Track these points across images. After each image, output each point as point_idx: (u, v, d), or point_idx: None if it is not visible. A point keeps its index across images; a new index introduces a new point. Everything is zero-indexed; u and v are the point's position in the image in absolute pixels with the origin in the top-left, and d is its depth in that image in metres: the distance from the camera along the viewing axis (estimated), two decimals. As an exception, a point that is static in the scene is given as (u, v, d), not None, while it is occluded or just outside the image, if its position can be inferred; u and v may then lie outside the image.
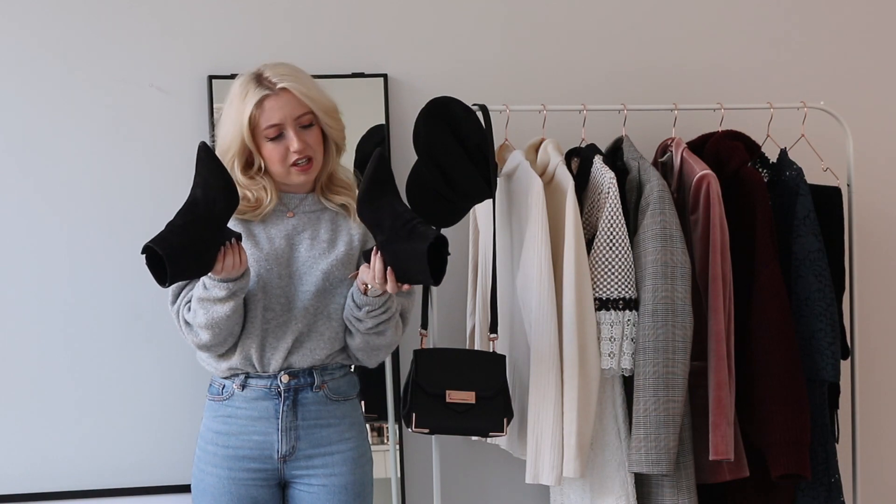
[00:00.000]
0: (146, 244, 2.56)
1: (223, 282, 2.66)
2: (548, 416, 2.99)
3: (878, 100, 3.64)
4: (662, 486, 3.08)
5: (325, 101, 2.80)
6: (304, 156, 2.76)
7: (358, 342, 2.79)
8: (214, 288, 2.67)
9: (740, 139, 3.24)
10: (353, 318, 2.76)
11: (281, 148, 2.76)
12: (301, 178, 2.79)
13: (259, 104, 2.74)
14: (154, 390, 3.33)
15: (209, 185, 2.63)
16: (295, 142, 2.75)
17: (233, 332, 2.74)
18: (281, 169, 2.77)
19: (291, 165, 2.76)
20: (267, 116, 2.74)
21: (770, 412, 3.05)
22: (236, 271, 2.66)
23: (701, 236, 3.08)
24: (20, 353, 3.30)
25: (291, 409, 2.77)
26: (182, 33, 3.36)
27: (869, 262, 3.56)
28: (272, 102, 2.75)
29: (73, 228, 3.32)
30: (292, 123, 2.75)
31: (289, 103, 2.75)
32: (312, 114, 2.77)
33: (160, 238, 2.57)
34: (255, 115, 2.74)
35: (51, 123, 3.31)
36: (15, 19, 3.31)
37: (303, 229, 2.81)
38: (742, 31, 3.59)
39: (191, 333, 2.75)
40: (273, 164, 2.77)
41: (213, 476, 2.78)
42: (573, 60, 3.51)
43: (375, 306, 2.73)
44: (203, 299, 2.69)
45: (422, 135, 2.90)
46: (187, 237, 2.59)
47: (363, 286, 2.72)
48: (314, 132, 2.79)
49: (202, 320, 2.70)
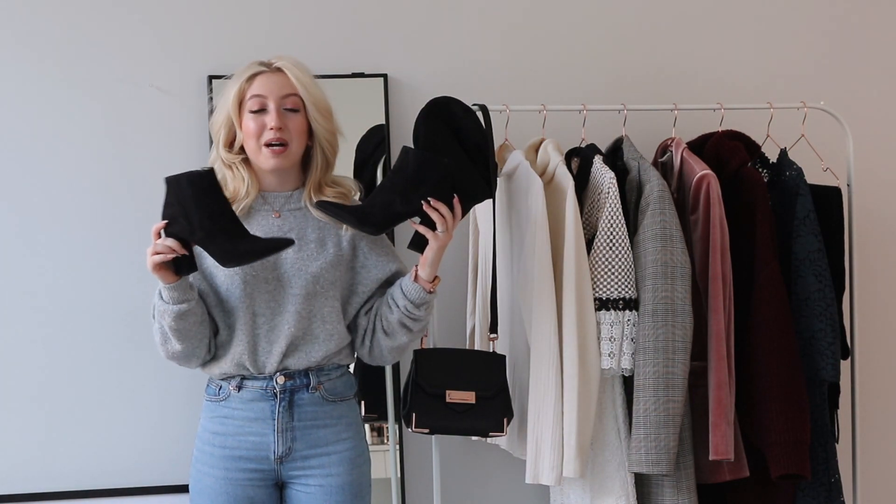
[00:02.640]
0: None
1: (162, 299, 2.68)
2: (548, 416, 2.99)
3: (878, 100, 3.64)
4: (662, 486, 3.08)
5: (317, 95, 2.79)
6: (280, 138, 2.74)
7: (405, 341, 2.82)
8: (157, 303, 2.70)
9: (740, 139, 3.24)
10: (408, 318, 2.78)
11: (259, 122, 2.74)
12: (271, 162, 2.75)
13: (251, 78, 2.76)
14: (152, 391, 3.33)
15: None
16: (274, 118, 2.73)
17: (190, 354, 2.75)
18: (254, 145, 2.75)
19: (265, 145, 2.74)
20: (253, 88, 2.75)
21: (770, 412, 3.05)
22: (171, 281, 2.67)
23: (701, 236, 3.08)
24: (20, 353, 3.30)
25: (287, 410, 2.77)
26: (182, 33, 3.36)
27: (869, 262, 3.56)
28: (264, 78, 2.76)
29: (72, 228, 3.31)
30: (276, 101, 2.75)
31: (278, 82, 2.76)
32: (300, 100, 2.77)
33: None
34: (244, 88, 2.75)
35: (51, 123, 3.31)
36: (15, 19, 3.31)
37: (289, 230, 2.79)
38: (742, 31, 3.59)
39: (157, 347, 2.79)
40: (248, 138, 2.76)
41: (211, 476, 2.78)
42: (573, 60, 3.51)
43: (431, 302, 2.79)
44: (155, 310, 2.73)
45: (422, 135, 2.90)
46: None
47: (429, 284, 2.76)
48: (298, 119, 2.77)
49: (157, 336, 2.75)
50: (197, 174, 2.64)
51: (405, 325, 2.78)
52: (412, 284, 2.76)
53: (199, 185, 2.63)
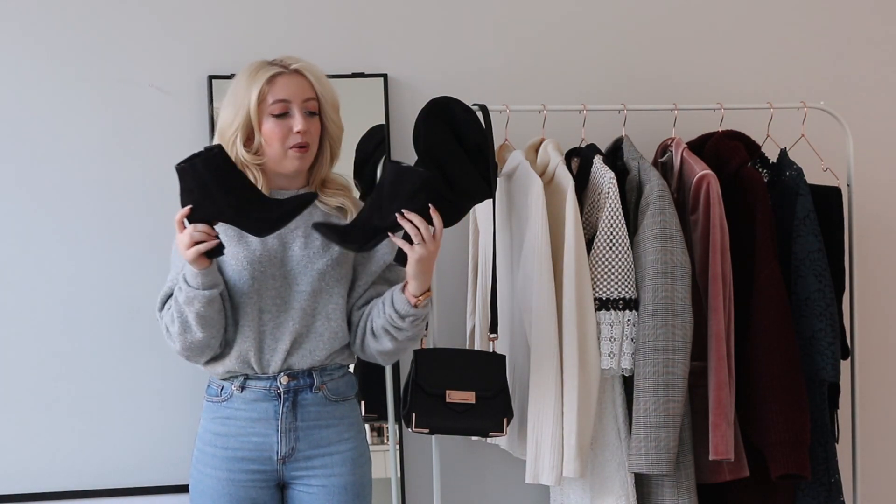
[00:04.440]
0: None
1: (191, 286, 2.66)
2: (548, 416, 2.99)
3: (878, 100, 3.64)
4: (662, 486, 3.08)
5: (331, 94, 2.80)
6: (305, 141, 2.75)
7: (389, 347, 2.77)
8: (184, 290, 2.67)
9: (740, 139, 3.24)
10: (392, 327, 2.74)
11: (284, 127, 2.73)
12: (296, 164, 2.76)
13: (271, 80, 2.73)
14: (153, 390, 3.33)
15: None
16: (300, 122, 2.73)
17: (207, 345, 2.74)
18: (279, 149, 2.74)
19: (290, 147, 2.75)
20: (276, 91, 2.73)
21: (770, 412, 3.05)
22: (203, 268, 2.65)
23: (701, 236, 3.08)
24: (20, 352, 3.30)
25: (291, 411, 2.76)
26: (182, 33, 3.36)
27: (869, 262, 3.56)
28: (284, 80, 2.74)
29: (73, 228, 3.31)
30: (299, 104, 2.74)
31: (300, 85, 2.75)
32: (318, 103, 2.77)
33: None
34: (265, 91, 2.73)
35: (51, 123, 3.31)
36: (15, 20, 3.31)
37: (295, 227, 2.78)
38: (742, 31, 3.59)
39: (170, 340, 2.76)
40: (272, 142, 2.74)
41: (212, 477, 2.77)
42: (573, 60, 3.51)
43: (420, 316, 2.73)
44: (177, 301, 2.69)
45: (422, 135, 2.90)
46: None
47: (415, 299, 2.71)
48: (317, 122, 2.78)
49: (177, 327, 2.71)
50: (210, 155, 2.62)
51: (389, 332, 2.76)
52: (400, 295, 2.74)
53: (215, 164, 2.62)
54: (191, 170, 2.61)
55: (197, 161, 2.61)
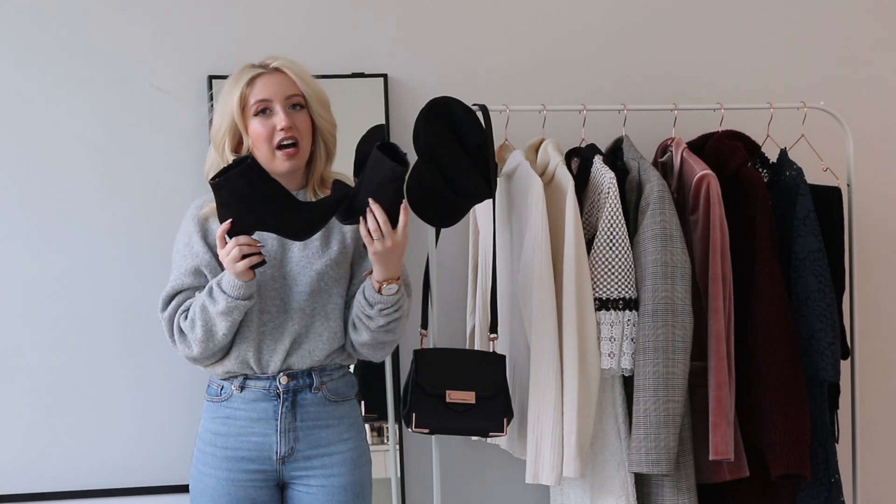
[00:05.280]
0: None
1: (231, 296, 2.65)
2: (548, 416, 2.99)
3: (878, 100, 3.64)
4: (662, 486, 3.08)
5: (317, 90, 2.79)
6: (291, 136, 2.73)
7: (366, 338, 2.76)
8: (222, 301, 2.66)
9: (740, 139, 3.24)
10: (363, 315, 2.74)
11: (268, 125, 2.73)
12: (286, 165, 2.75)
13: (251, 82, 2.74)
14: (153, 390, 3.33)
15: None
16: (283, 118, 2.72)
17: (222, 348, 2.73)
18: (267, 150, 2.74)
19: (277, 148, 2.74)
20: (256, 92, 2.74)
21: (770, 412, 3.05)
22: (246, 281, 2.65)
23: (701, 236, 3.08)
24: (20, 353, 3.30)
25: (290, 411, 2.76)
26: (182, 33, 3.36)
27: (869, 262, 3.56)
28: (264, 80, 2.75)
29: (72, 228, 3.31)
30: (282, 102, 2.74)
31: (280, 82, 2.75)
32: (303, 97, 2.77)
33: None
34: (246, 93, 2.74)
35: (51, 123, 3.31)
36: (15, 20, 3.31)
37: None
38: (742, 31, 3.59)
39: (182, 343, 2.74)
40: (259, 143, 2.74)
41: (212, 477, 2.77)
42: (573, 60, 3.51)
43: (388, 304, 2.71)
44: (206, 310, 2.68)
45: (422, 135, 2.90)
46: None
47: (377, 284, 2.70)
48: (304, 116, 2.77)
49: (199, 333, 2.69)
50: (245, 167, 2.61)
51: (362, 321, 2.75)
52: (368, 281, 2.74)
53: (250, 175, 2.61)
54: (227, 183, 2.60)
55: (233, 174, 2.60)
